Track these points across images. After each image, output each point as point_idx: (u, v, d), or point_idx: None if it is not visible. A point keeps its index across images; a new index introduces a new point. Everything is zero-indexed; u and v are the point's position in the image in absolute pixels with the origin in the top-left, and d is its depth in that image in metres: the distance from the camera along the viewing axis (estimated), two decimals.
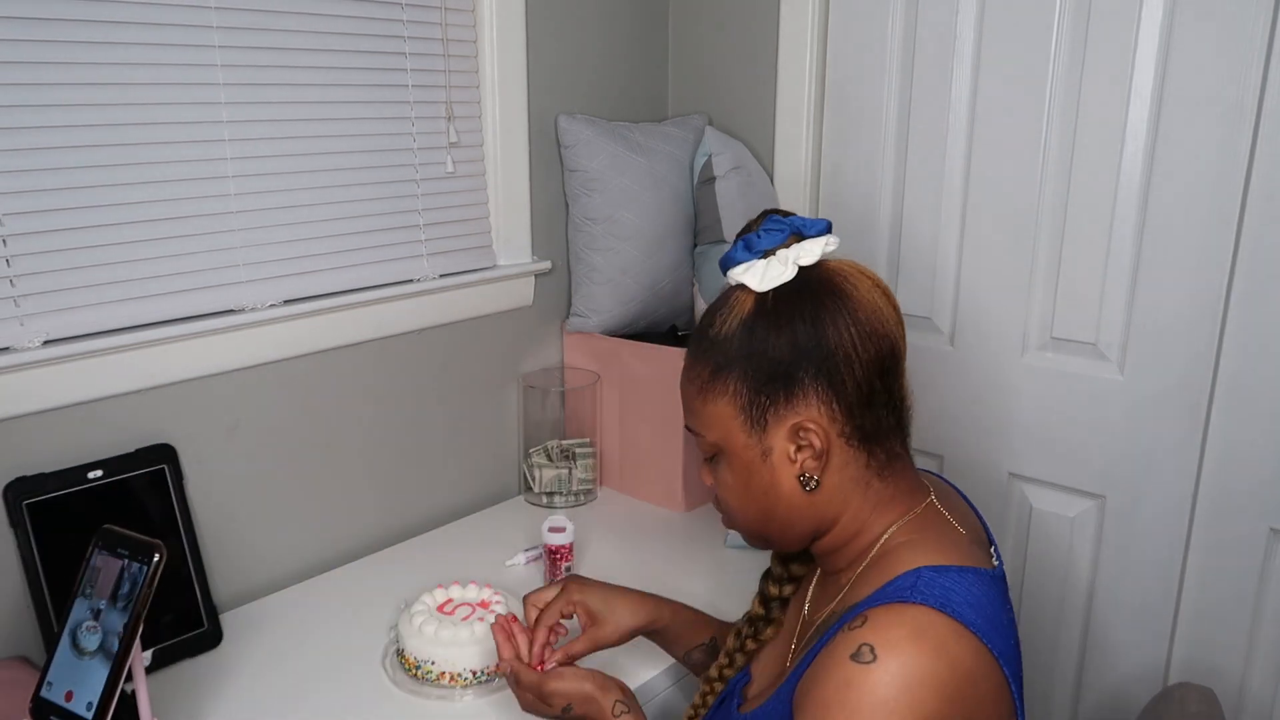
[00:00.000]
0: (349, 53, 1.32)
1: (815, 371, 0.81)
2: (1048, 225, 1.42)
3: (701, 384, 0.86)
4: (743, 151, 1.63)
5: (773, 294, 0.83)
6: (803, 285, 0.83)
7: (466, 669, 1.10)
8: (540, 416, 1.67)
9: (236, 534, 1.31)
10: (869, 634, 0.73)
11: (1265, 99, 1.22)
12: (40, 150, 1.08)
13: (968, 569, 0.79)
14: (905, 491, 0.86)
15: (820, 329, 0.81)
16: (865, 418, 0.82)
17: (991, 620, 0.76)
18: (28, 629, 1.11)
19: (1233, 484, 1.33)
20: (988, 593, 0.78)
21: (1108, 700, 1.51)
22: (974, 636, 0.74)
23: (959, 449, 1.59)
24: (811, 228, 0.85)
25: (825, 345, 0.81)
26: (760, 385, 0.82)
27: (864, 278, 0.84)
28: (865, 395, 0.82)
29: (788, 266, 0.83)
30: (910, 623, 0.73)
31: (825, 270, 0.84)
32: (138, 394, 1.19)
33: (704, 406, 0.86)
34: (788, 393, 0.82)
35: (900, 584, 0.77)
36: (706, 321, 0.87)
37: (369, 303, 1.38)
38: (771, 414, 0.83)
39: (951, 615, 0.73)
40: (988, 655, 0.74)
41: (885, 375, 0.83)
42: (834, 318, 0.81)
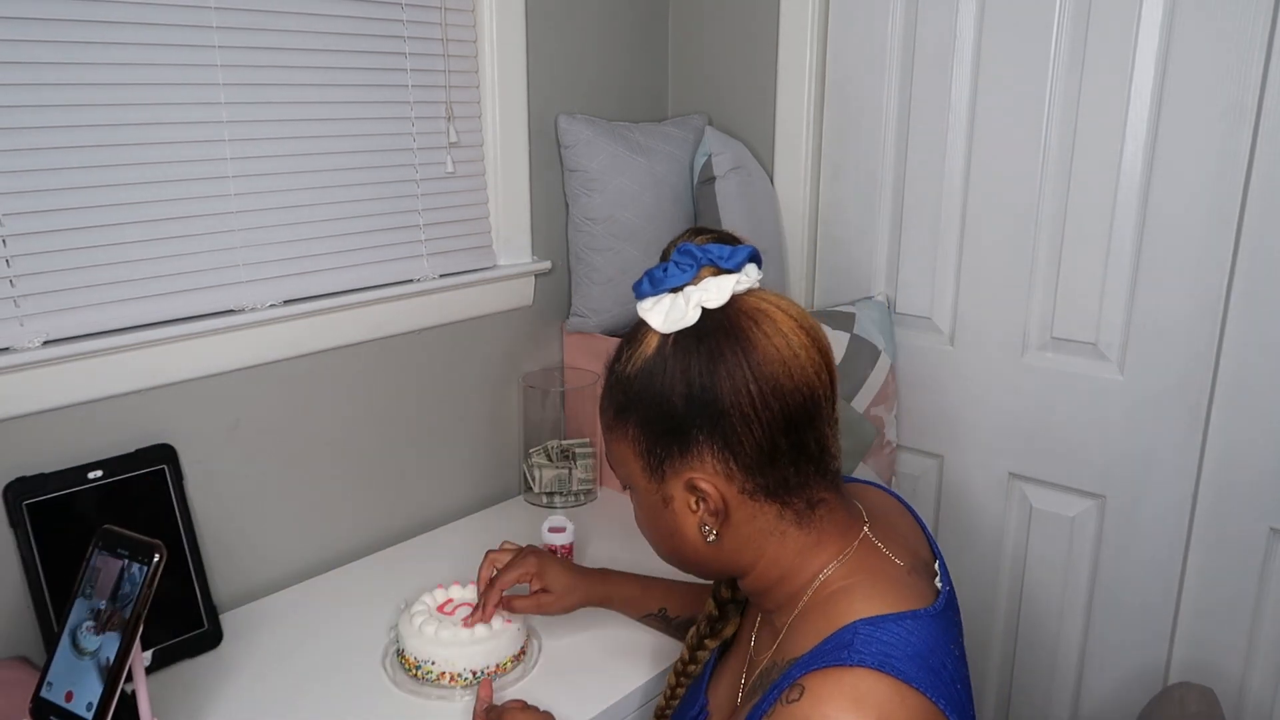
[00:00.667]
0: (349, 53, 1.32)
1: (709, 430, 0.75)
2: (1048, 225, 1.42)
3: (608, 420, 0.83)
4: (743, 151, 1.63)
5: (673, 338, 0.77)
6: (705, 330, 0.76)
7: (466, 669, 1.10)
8: (540, 416, 1.67)
9: (236, 534, 1.31)
10: (807, 709, 0.69)
11: (1265, 99, 1.22)
12: (40, 150, 1.08)
13: (905, 615, 0.74)
14: (834, 534, 0.80)
15: (716, 384, 0.74)
16: (768, 476, 0.77)
17: (934, 669, 0.72)
18: (28, 629, 1.11)
19: (1233, 484, 1.33)
20: (927, 638, 0.73)
21: (1108, 700, 1.51)
22: (918, 693, 0.69)
23: (959, 449, 1.59)
24: (729, 259, 0.77)
25: (719, 404, 0.75)
26: (656, 436, 0.78)
27: (783, 319, 0.76)
28: (766, 454, 0.76)
29: (690, 308, 0.76)
30: (849, 690, 0.69)
31: (735, 312, 0.76)
32: (138, 394, 1.19)
33: (611, 443, 0.84)
34: (682, 448, 0.77)
35: (835, 642, 0.72)
36: (616, 354, 0.82)
37: (369, 303, 1.38)
38: (668, 465, 0.79)
39: (891, 674, 0.69)
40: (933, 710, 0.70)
41: (794, 431, 0.76)
42: (731, 371, 0.74)
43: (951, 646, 0.76)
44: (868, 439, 1.56)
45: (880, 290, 1.63)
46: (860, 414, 1.54)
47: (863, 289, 1.65)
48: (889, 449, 1.60)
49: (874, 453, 1.57)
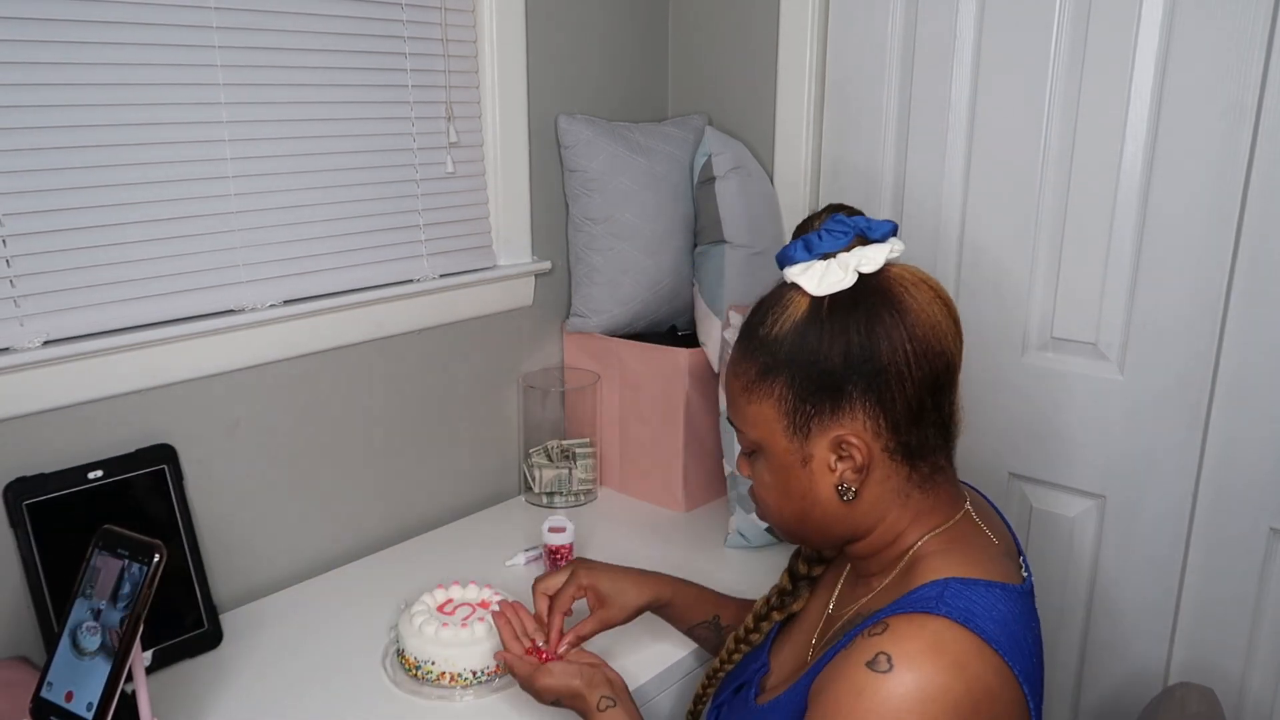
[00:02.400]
0: (349, 53, 1.32)
1: (865, 386, 0.78)
2: (1048, 225, 1.42)
3: (747, 382, 0.84)
4: (743, 151, 1.62)
5: (829, 300, 0.79)
6: (860, 293, 0.79)
7: (466, 669, 1.10)
8: (540, 416, 1.67)
9: (236, 534, 1.31)
10: (888, 643, 0.72)
11: (1265, 98, 1.22)
12: (40, 150, 1.08)
13: (995, 584, 0.77)
14: (944, 502, 0.84)
15: (874, 343, 0.78)
16: (911, 435, 0.80)
17: (1014, 637, 0.74)
18: (28, 629, 1.11)
19: (1233, 484, 1.33)
20: (1013, 609, 0.76)
21: (1108, 700, 1.51)
22: (995, 653, 0.72)
23: (959, 449, 1.59)
24: (876, 230, 0.81)
25: (878, 360, 0.78)
26: (807, 393, 0.80)
27: (925, 288, 0.80)
28: (914, 413, 0.79)
29: (848, 273, 0.79)
30: (931, 635, 0.72)
31: (885, 278, 0.80)
32: (138, 394, 1.19)
33: (748, 404, 0.84)
34: (834, 404, 0.80)
35: (926, 593, 0.76)
36: (758, 318, 0.84)
37: (369, 303, 1.38)
38: (815, 423, 0.81)
39: (974, 630, 0.72)
40: (1008, 673, 0.73)
41: (937, 393, 0.80)
42: (889, 332, 0.78)
43: (1033, 625, 0.79)
44: None
45: None
46: None
47: None
48: None
49: None
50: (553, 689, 0.97)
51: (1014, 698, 0.73)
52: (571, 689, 0.96)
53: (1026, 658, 0.75)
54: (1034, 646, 0.78)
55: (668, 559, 1.43)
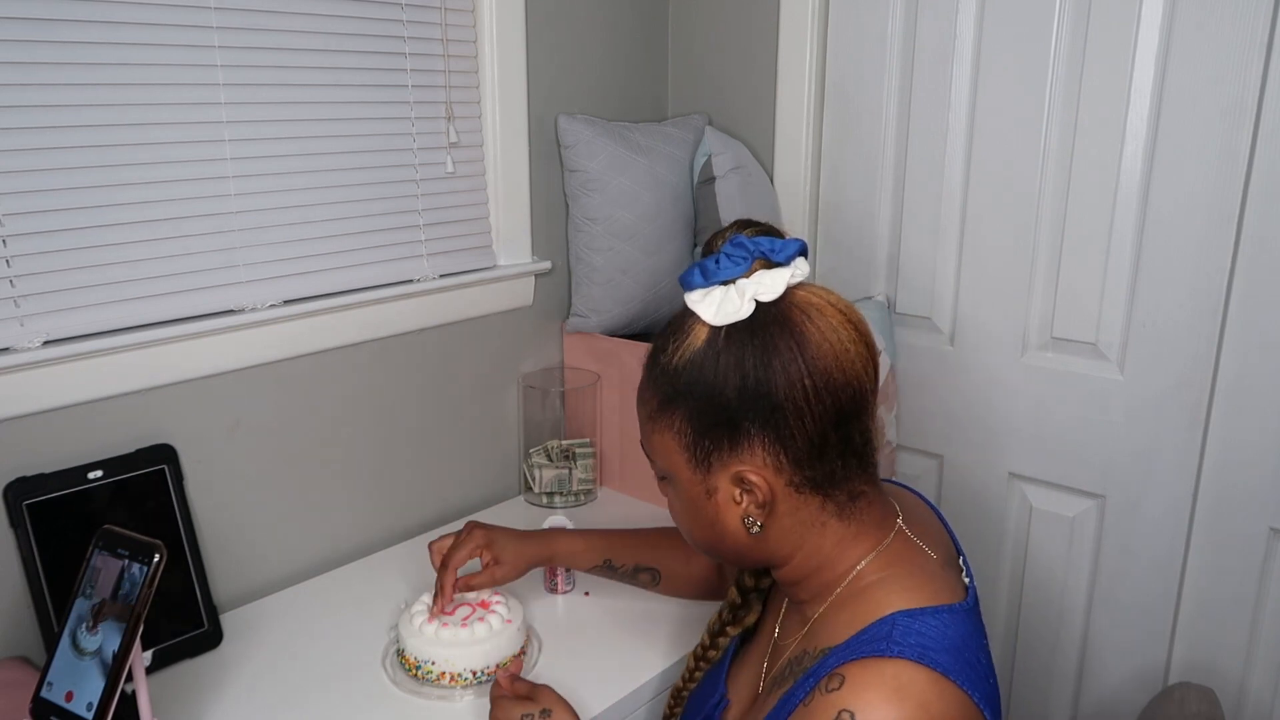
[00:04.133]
0: (349, 53, 1.32)
1: (761, 422, 0.76)
2: (1048, 225, 1.42)
3: (650, 411, 0.83)
4: (743, 151, 1.63)
5: (725, 330, 0.77)
6: (758, 323, 0.76)
7: (466, 669, 1.10)
8: (540, 416, 1.67)
9: (236, 534, 1.31)
10: (848, 698, 0.69)
11: (1265, 98, 1.22)
12: (40, 150, 1.08)
13: (941, 608, 0.75)
14: (871, 526, 0.81)
15: (770, 376, 0.75)
16: (816, 469, 0.78)
17: (968, 662, 0.73)
18: (28, 629, 1.11)
19: (1233, 484, 1.33)
20: (961, 630, 0.75)
21: (1108, 700, 1.51)
22: (954, 685, 0.71)
23: (959, 449, 1.59)
24: (780, 252, 0.77)
25: (773, 396, 0.75)
26: (705, 428, 0.78)
27: (832, 312, 0.77)
28: (816, 447, 0.77)
29: (744, 301, 0.76)
30: (890, 681, 0.70)
31: (786, 306, 0.76)
32: (138, 394, 1.19)
33: (652, 434, 0.84)
34: (732, 440, 0.77)
35: (875, 633, 0.74)
36: (660, 345, 0.82)
37: (369, 303, 1.38)
38: (715, 457, 0.79)
39: (930, 665, 0.70)
40: (969, 702, 0.71)
41: (842, 425, 0.77)
42: (786, 365, 0.75)
43: (982, 641, 0.78)
44: None
45: (880, 290, 1.63)
46: None
47: (863, 289, 1.65)
48: (889, 449, 1.60)
49: None
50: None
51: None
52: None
53: (982, 679, 0.73)
54: (986, 663, 0.76)
55: None
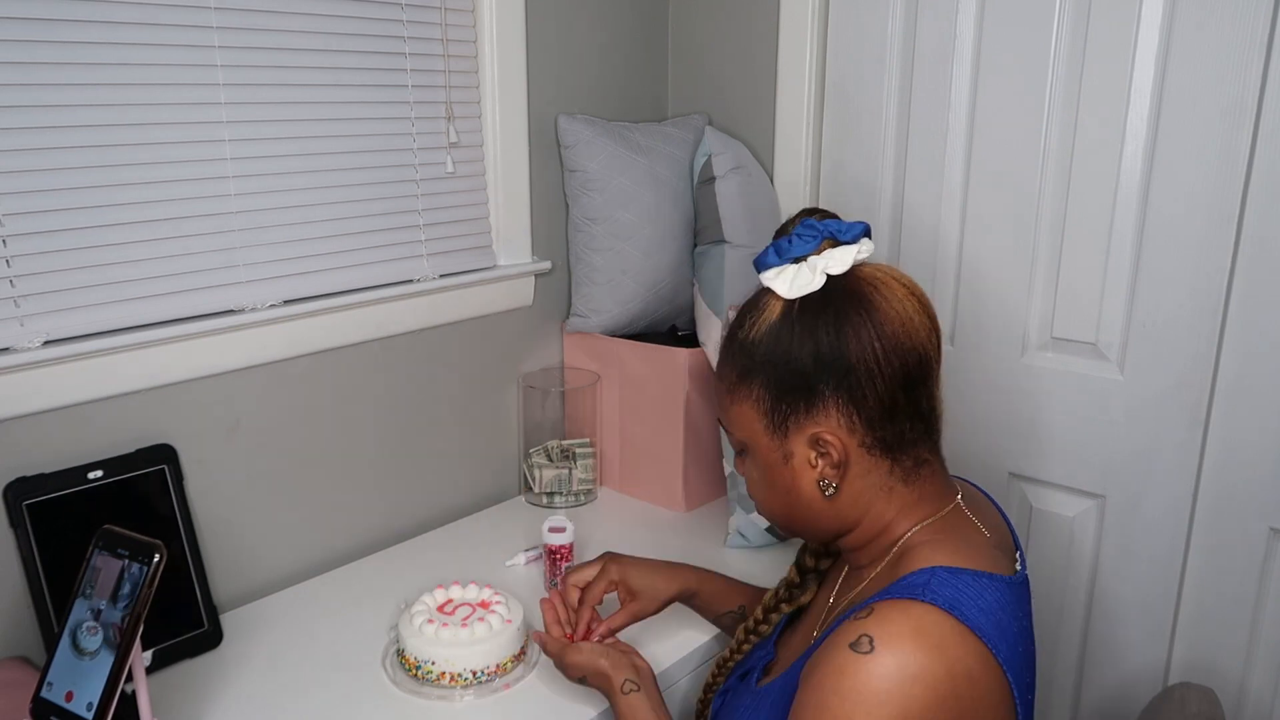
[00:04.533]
0: (349, 53, 1.32)
1: (836, 384, 0.81)
2: (1048, 225, 1.42)
3: (729, 385, 0.88)
4: (743, 151, 1.62)
5: (799, 302, 0.83)
6: (830, 294, 0.82)
7: (466, 669, 1.10)
8: (540, 416, 1.67)
9: (236, 534, 1.31)
10: (872, 625, 0.74)
11: (1265, 98, 1.22)
12: (40, 150, 1.08)
13: (983, 574, 0.79)
14: (932, 495, 0.86)
15: (843, 341, 0.81)
16: (887, 430, 0.83)
17: (1000, 626, 0.76)
18: (28, 629, 1.11)
19: (1233, 484, 1.33)
20: (1001, 598, 0.78)
21: (1108, 700, 1.51)
22: (977, 639, 0.74)
23: (959, 449, 1.58)
24: (847, 233, 0.84)
25: (846, 359, 0.81)
26: (782, 393, 0.83)
27: (897, 286, 0.83)
28: (887, 408, 0.82)
29: (815, 275, 0.82)
30: (914, 619, 0.74)
31: (855, 279, 0.83)
32: (138, 394, 1.19)
33: (731, 406, 0.88)
34: (808, 403, 0.83)
35: (912, 580, 0.78)
36: (737, 322, 0.88)
37: (369, 303, 1.38)
38: (792, 421, 0.84)
39: (957, 616, 0.74)
40: (990, 659, 0.74)
41: (910, 388, 0.82)
42: (858, 330, 0.80)
43: (1021, 616, 0.80)
44: None
45: None
46: None
47: None
48: None
49: None
50: (580, 666, 1.00)
51: (997, 685, 0.75)
52: (598, 668, 0.99)
53: (1011, 646, 0.76)
54: (1021, 636, 0.79)
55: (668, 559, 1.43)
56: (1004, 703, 0.76)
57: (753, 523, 1.47)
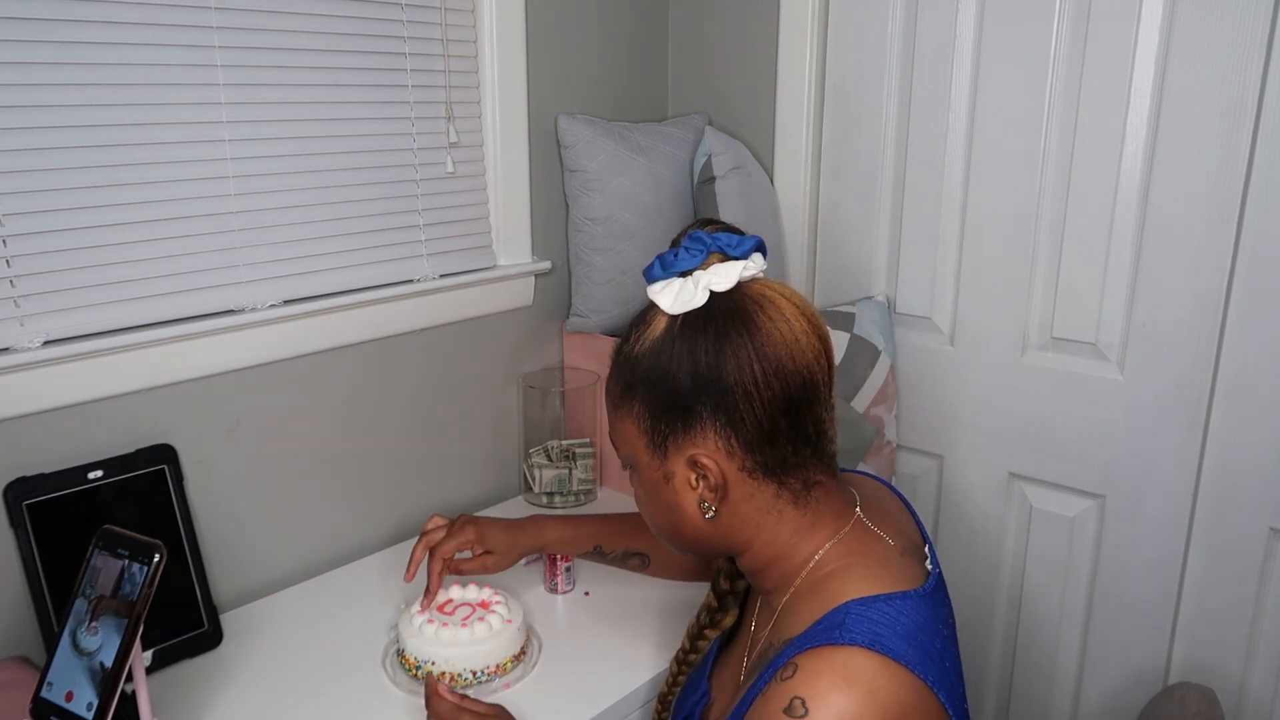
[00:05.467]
0: (348, 53, 1.32)
1: (713, 406, 0.79)
2: (1048, 225, 1.42)
3: (614, 399, 0.86)
4: (743, 151, 1.63)
5: (681, 318, 0.80)
6: (712, 312, 0.79)
7: (466, 669, 1.10)
8: (540, 416, 1.67)
9: (236, 534, 1.31)
10: (800, 686, 0.71)
11: (1265, 99, 1.22)
12: (40, 150, 1.08)
13: (895, 595, 0.76)
14: (829, 515, 0.83)
15: (721, 362, 0.78)
16: (767, 454, 0.80)
17: (924, 647, 0.74)
18: (28, 629, 1.11)
19: (1233, 484, 1.33)
20: (918, 617, 0.76)
21: (1108, 700, 1.51)
22: (906, 670, 0.72)
23: (959, 449, 1.59)
24: (736, 247, 0.81)
25: (724, 380, 0.78)
26: (660, 412, 0.81)
27: (786, 305, 0.80)
28: (766, 432, 0.79)
29: (698, 291, 0.79)
30: (840, 668, 0.71)
31: (741, 297, 0.80)
32: (138, 394, 1.19)
33: (615, 421, 0.87)
34: (685, 424, 0.80)
35: (829, 622, 0.75)
36: (625, 335, 0.86)
37: (369, 303, 1.38)
38: (671, 441, 0.82)
39: (880, 651, 0.72)
40: (922, 687, 0.72)
41: (792, 412, 0.79)
42: (736, 351, 0.78)
43: (940, 626, 0.78)
44: (868, 439, 1.56)
45: (880, 290, 1.63)
46: (860, 414, 1.54)
47: (863, 289, 1.65)
48: (889, 449, 1.60)
49: (874, 453, 1.57)
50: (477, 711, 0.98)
51: (931, 709, 0.73)
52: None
53: (938, 663, 0.75)
54: (945, 647, 0.77)
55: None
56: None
57: None
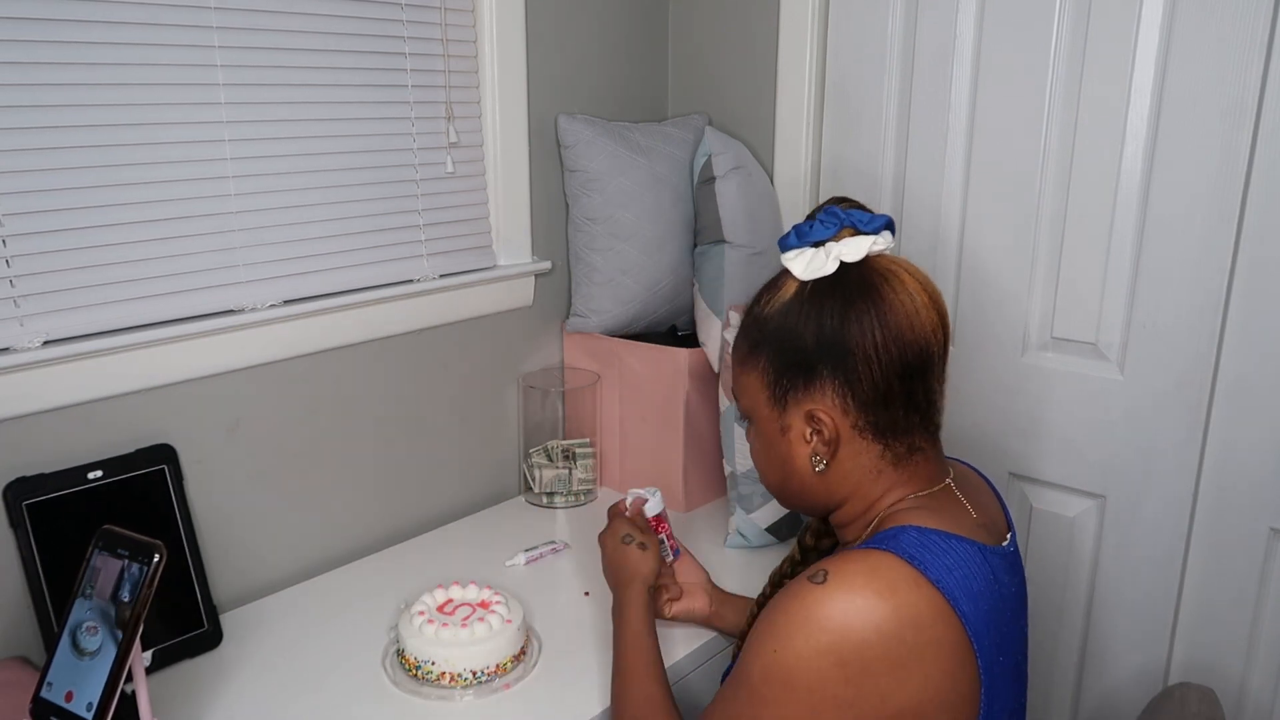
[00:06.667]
0: (349, 53, 1.32)
1: (834, 366, 0.84)
2: (1048, 225, 1.42)
3: (741, 356, 0.92)
4: (743, 151, 1.62)
5: (811, 284, 0.86)
6: (840, 280, 0.85)
7: (466, 669, 1.10)
8: (540, 416, 1.67)
9: (236, 534, 1.31)
10: (832, 562, 0.79)
11: (1265, 98, 1.22)
12: (40, 150, 1.08)
13: (954, 535, 0.81)
14: (922, 477, 0.89)
15: (845, 326, 0.83)
16: (879, 415, 0.85)
17: (964, 583, 0.78)
18: (28, 629, 1.11)
19: (1233, 484, 1.33)
20: (971, 561, 0.80)
21: (1108, 700, 1.51)
22: (934, 588, 0.76)
23: (959, 449, 1.59)
24: (869, 224, 0.86)
25: (845, 343, 0.83)
26: (784, 369, 0.87)
27: (910, 280, 0.85)
28: (881, 395, 0.84)
29: (829, 260, 0.85)
30: (871, 563, 0.78)
31: (868, 268, 0.85)
32: (138, 394, 1.19)
33: (740, 376, 0.93)
34: (806, 381, 0.86)
35: (882, 535, 0.82)
36: (756, 297, 0.92)
37: (369, 303, 1.38)
38: (791, 397, 0.87)
39: (915, 566, 0.77)
40: (947, 610, 0.76)
41: (906, 378, 0.84)
42: (860, 317, 0.83)
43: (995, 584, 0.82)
44: None
45: None
46: None
47: None
48: None
49: None
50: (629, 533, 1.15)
51: (952, 637, 0.77)
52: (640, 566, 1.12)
53: (976, 604, 0.78)
54: (993, 600, 0.81)
55: None
56: (956, 655, 0.77)
57: (752, 523, 1.47)
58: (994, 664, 0.80)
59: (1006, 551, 0.87)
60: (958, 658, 0.77)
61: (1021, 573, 0.91)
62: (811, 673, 0.75)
